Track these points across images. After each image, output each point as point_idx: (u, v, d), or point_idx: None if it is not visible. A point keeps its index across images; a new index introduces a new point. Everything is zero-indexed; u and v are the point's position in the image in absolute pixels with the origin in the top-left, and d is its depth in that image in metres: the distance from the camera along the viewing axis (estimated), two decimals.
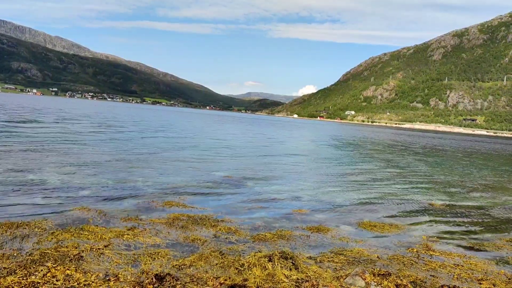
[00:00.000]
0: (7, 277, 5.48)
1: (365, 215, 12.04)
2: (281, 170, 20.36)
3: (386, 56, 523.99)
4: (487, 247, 9.58)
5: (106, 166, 16.56)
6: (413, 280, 6.86)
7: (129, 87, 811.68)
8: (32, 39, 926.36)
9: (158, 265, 6.65)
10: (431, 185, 19.62)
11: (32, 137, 24.53)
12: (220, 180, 15.84)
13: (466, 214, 13.35)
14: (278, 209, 11.93)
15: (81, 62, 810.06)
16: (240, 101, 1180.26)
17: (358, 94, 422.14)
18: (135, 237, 7.97)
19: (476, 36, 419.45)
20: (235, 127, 75.95)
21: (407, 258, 8.12)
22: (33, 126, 33.68)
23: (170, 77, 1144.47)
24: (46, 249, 6.74)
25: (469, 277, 7.32)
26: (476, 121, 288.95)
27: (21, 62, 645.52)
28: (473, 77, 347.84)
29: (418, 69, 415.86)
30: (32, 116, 47.52)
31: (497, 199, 16.88)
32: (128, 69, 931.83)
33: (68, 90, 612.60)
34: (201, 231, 8.89)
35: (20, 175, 13.17)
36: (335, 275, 6.63)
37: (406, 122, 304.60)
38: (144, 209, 10.46)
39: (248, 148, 31.80)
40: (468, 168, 30.04)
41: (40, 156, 17.45)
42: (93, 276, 5.88)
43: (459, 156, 42.80)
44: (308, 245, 8.62)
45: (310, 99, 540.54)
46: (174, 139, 34.03)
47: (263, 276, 6.26)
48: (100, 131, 35.16)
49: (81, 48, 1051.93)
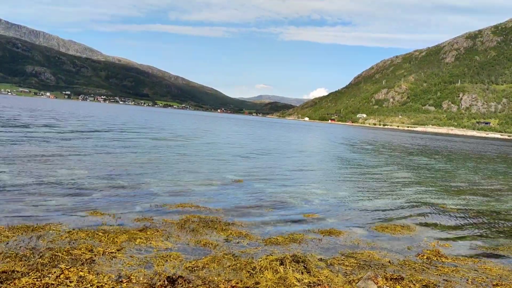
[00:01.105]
0: (22, 278, 5.56)
1: (377, 218, 11.97)
2: (293, 172, 20.32)
3: (398, 58, 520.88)
4: (501, 252, 9.45)
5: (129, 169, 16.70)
6: (425, 284, 6.79)
7: (141, 90, 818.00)
8: (46, 43, 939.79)
9: (171, 266, 6.69)
10: (444, 188, 19.42)
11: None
12: (232, 183, 15.87)
13: (479, 218, 13.19)
14: (290, 212, 11.91)
15: (93, 66, 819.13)
16: (251, 104, 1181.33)
17: (369, 97, 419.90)
18: (148, 241, 8.02)
19: (489, 38, 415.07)
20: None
21: (419, 263, 8.04)
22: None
23: (182, 80, 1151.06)
24: (59, 251, 6.81)
25: (483, 282, 7.23)
26: (490, 124, 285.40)
27: (35, 66, 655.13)
28: (487, 79, 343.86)
29: (430, 72, 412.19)
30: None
31: (511, 202, 16.64)
32: (140, 72, 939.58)
33: (81, 93, 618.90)
34: (211, 235, 8.91)
35: (34, 178, 13.33)
36: (347, 280, 6.60)
37: (418, 125, 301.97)
38: (156, 212, 10.51)
39: (261, 149, 31.82)
40: (481, 171, 29.68)
41: (60, 160, 17.65)
42: (105, 277, 5.93)
43: (472, 160, 42.31)
44: (320, 248, 8.59)
45: (321, 102, 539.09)
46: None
47: (275, 280, 6.26)
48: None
49: (93, 51, 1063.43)
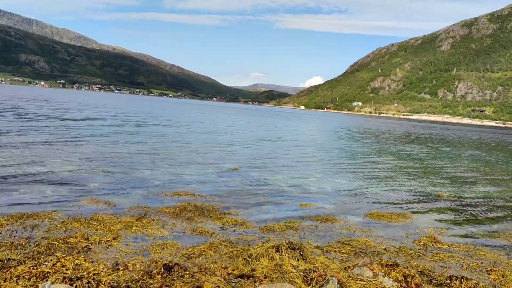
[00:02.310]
0: (18, 266, 5.54)
1: (373, 206, 12.02)
2: (289, 161, 20.34)
3: (393, 46, 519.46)
4: (496, 238, 9.53)
5: (120, 159, 16.65)
6: (421, 270, 6.85)
7: (136, 79, 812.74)
8: (39, 31, 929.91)
9: (167, 254, 6.70)
10: (439, 176, 19.52)
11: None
12: (228, 171, 15.87)
13: (474, 205, 13.28)
14: (286, 200, 11.93)
15: (88, 54, 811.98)
16: (247, 93, 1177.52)
17: (365, 85, 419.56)
18: (144, 228, 8.01)
19: (485, 26, 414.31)
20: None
21: (415, 250, 8.10)
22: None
23: (177, 68, 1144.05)
24: (55, 240, 6.80)
25: (478, 267, 7.29)
26: (485, 112, 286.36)
27: (28, 55, 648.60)
28: (482, 67, 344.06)
29: (426, 60, 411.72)
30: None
31: (506, 190, 16.75)
32: (135, 61, 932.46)
33: (76, 82, 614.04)
34: (206, 223, 8.92)
35: (30, 167, 13.27)
36: (342, 266, 6.63)
37: (414, 113, 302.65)
38: (152, 200, 10.50)
39: (258, 138, 31.79)
40: (476, 159, 29.83)
41: (50, 149, 17.57)
42: (102, 265, 5.92)
43: (467, 148, 42.50)
44: (317, 235, 8.63)
45: (317, 91, 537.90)
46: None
47: (271, 267, 6.27)
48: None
49: (88, 40, 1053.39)
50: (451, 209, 12.53)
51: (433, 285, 6.31)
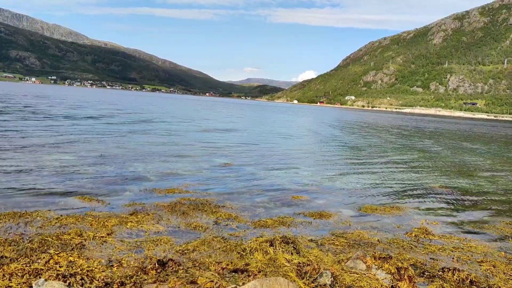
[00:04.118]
0: (11, 264, 5.52)
1: (366, 199, 12.09)
2: (283, 155, 20.37)
3: (386, 40, 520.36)
4: (487, 230, 9.63)
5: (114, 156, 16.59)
6: (413, 263, 6.92)
7: (128, 74, 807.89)
8: (30, 27, 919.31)
9: (161, 250, 6.70)
10: (432, 168, 19.65)
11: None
12: (221, 167, 15.87)
13: (466, 197, 13.40)
14: (279, 194, 11.95)
15: (79, 50, 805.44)
16: (240, 87, 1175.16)
17: (358, 79, 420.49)
18: (139, 224, 8.01)
19: (477, 19, 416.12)
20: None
21: (407, 242, 8.17)
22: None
23: (169, 63, 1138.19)
24: (49, 236, 6.77)
25: (469, 259, 7.37)
26: (477, 104, 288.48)
27: (19, 51, 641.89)
28: (474, 60, 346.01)
29: (418, 53, 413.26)
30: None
31: (498, 182, 16.91)
32: (127, 56, 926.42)
33: (67, 78, 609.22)
34: (201, 217, 8.93)
35: (23, 165, 13.19)
36: (336, 259, 6.68)
37: (406, 107, 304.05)
38: (146, 196, 10.49)
39: (251, 135, 31.80)
40: (468, 151, 30.05)
41: (43, 147, 17.47)
42: (96, 262, 5.92)
43: (459, 140, 42.79)
44: (311, 229, 8.67)
45: (310, 85, 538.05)
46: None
47: (265, 261, 6.30)
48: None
49: (79, 35, 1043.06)
50: (443, 200, 12.64)
51: (426, 277, 6.38)
